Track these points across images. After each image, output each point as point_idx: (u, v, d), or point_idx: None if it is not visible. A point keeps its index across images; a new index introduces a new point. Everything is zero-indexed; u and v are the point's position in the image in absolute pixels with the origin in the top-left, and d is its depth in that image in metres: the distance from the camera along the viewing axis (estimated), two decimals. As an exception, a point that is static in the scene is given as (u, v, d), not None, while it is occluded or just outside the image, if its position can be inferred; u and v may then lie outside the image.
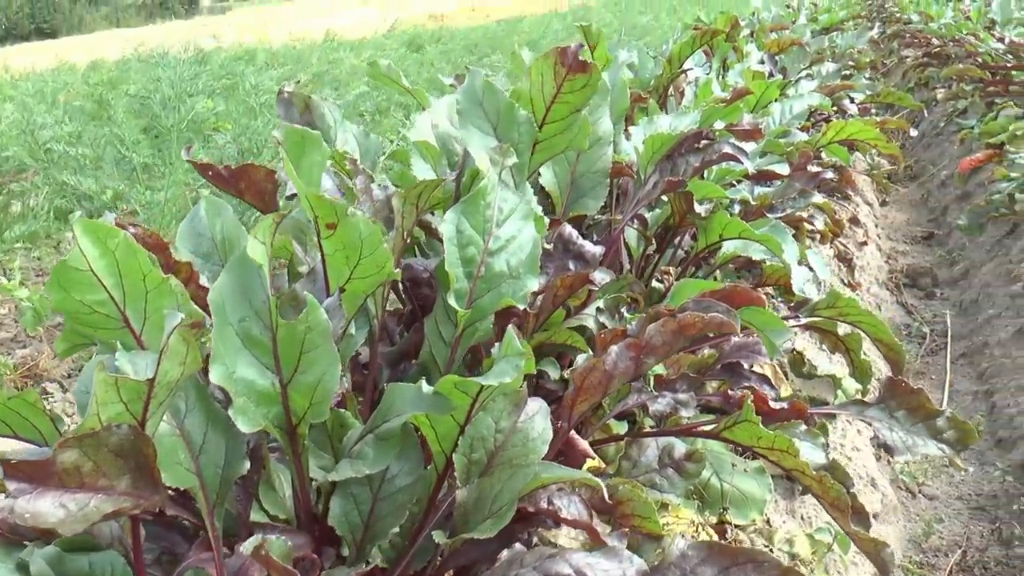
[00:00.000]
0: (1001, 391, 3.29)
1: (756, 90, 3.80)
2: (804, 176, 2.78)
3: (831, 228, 3.79)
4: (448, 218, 1.44)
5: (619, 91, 2.45)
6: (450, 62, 9.75)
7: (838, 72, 5.31)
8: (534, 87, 1.73)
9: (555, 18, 16.38)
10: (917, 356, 3.84)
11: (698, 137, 2.13)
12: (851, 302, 2.28)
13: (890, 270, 4.83)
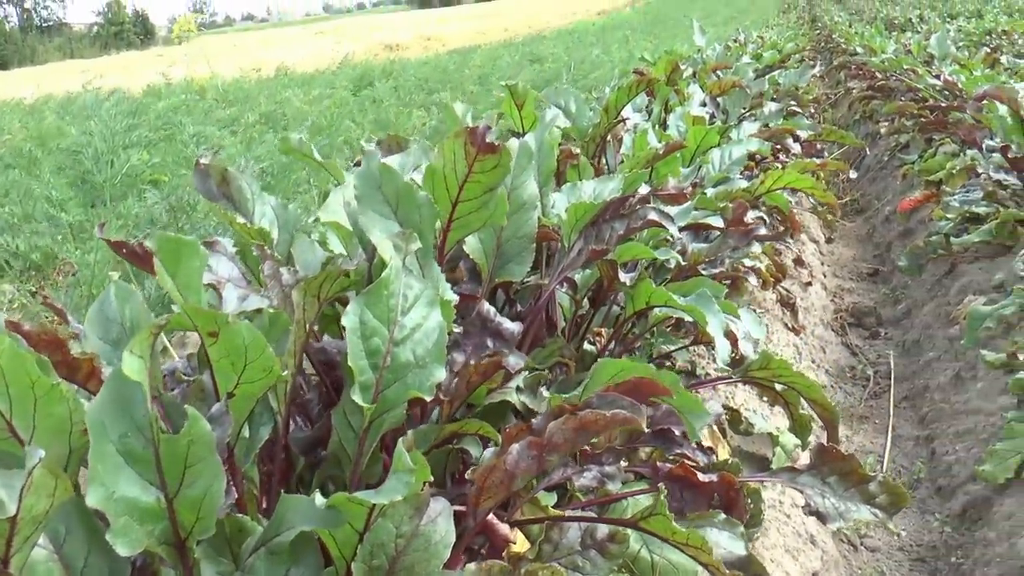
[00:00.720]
0: (940, 437, 3.30)
1: (696, 136, 3.82)
2: (738, 232, 2.77)
3: (773, 273, 3.80)
4: (350, 309, 1.40)
5: (546, 152, 2.42)
6: (399, 99, 9.74)
7: (780, 112, 5.35)
8: (447, 165, 1.70)
9: (507, 49, 16.46)
10: (861, 400, 3.85)
11: (623, 202, 2.10)
12: (783, 364, 2.27)
13: (836, 309, 4.86)
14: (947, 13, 23.00)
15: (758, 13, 32.66)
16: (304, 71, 17.31)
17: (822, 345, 4.18)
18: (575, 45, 18.25)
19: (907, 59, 8.80)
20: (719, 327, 1.95)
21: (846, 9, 32.60)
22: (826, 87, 13.98)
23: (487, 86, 10.64)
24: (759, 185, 3.47)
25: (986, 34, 14.79)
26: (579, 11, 55.48)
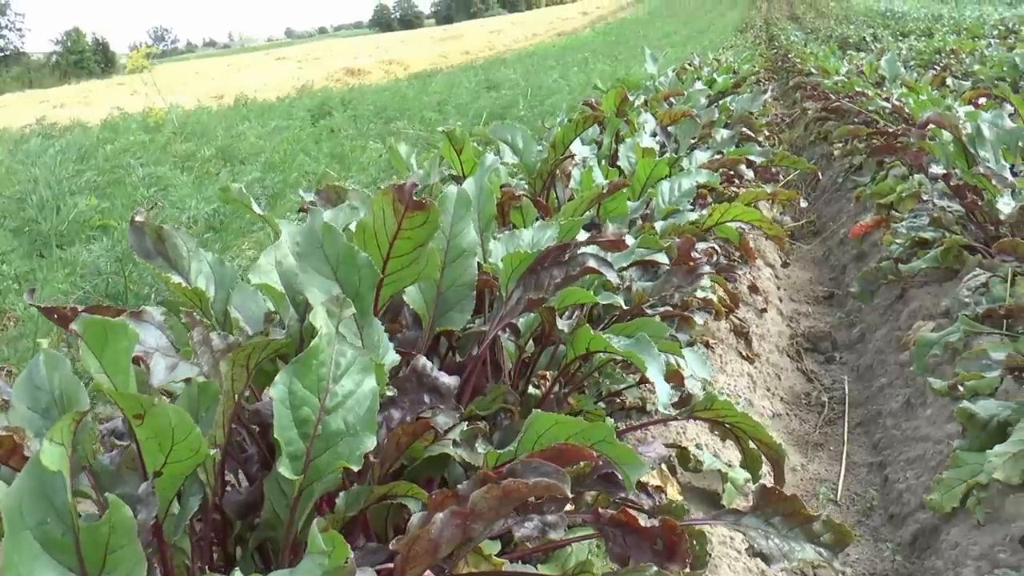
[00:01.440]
0: (892, 464, 3.33)
1: (645, 168, 3.86)
2: (682, 270, 2.79)
3: (726, 303, 3.83)
4: (279, 379, 1.39)
5: (486, 197, 2.43)
6: (357, 129, 9.73)
7: (733, 139, 5.42)
8: (377, 221, 1.70)
9: (466, 74, 16.52)
10: (816, 427, 3.87)
11: (561, 250, 2.12)
12: (726, 404, 2.29)
13: (792, 335, 4.90)
14: (899, 32, 23.41)
15: (716, 33, 33.09)
16: (265, 99, 17.26)
17: (777, 372, 4.20)
18: (534, 69, 18.37)
19: (858, 81, 8.94)
20: (658, 372, 1.96)
21: (802, 28, 33.13)
22: (783, 107, 14.18)
23: (444, 114, 10.68)
24: (707, 218, 3.51)
25: (936, 53, 15.08)
26: (540, 32, 55.96)
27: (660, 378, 1.96)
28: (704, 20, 45.13)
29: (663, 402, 1.95)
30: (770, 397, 3.91)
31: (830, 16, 35.60)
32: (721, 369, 3.67)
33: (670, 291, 2.73)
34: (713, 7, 59.43)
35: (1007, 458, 2.50)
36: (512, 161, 3.70)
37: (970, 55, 13.61)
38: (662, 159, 3.92)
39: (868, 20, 29.35)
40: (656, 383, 1.95)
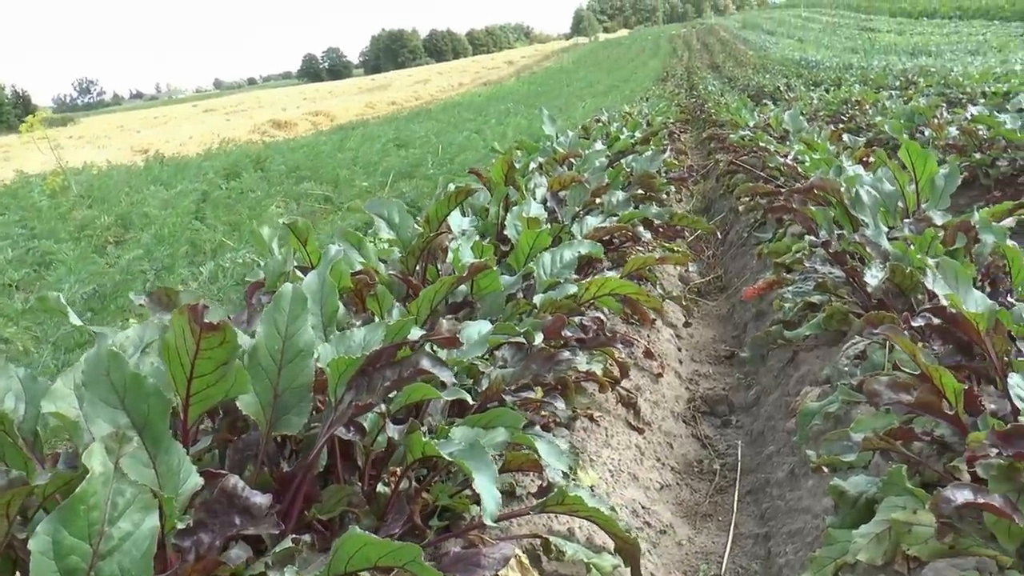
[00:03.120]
0: (776, 536, 3.30)
1: (527, 240, 3.82)
2: (541, 356, 2.73)
3: (610, 375, 3.79)
4: (41, 529, 1.29)
5: (328, 291, 2.36)
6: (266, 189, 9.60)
7: (627, 201, 5.44)
8: (178, 340, 1.62)
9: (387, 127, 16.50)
10: (707, 496, 3.84)
11: (394, 350, 2.05)
12: (577, 499, 2.23)
13: (690, 398, 4.87)
14: (812, 81, 24.07)
15: (638, 82, 33.70)
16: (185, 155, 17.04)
17: (669, 440, 4.17)
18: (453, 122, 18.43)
19: (762, 135, 9.11)
20: (489, 481, 1.89)
21: (721, 77, 33.92)
22: (699, 158, 14.42)
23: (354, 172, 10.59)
24: (584, 293, 3.47)
25: (843, 103, 15.52)
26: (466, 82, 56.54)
27: (488, 488, 1.90)
28: (627, 69, 45.98)
29: (490, 512, 1.87)
30: (660, 468, 3.86)
31: (748, 65, 36.53)
32: (606, 443, 3.62)
33: (529, 377, 2.67)
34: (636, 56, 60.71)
35: (871, 538, 2.47)
36: (388, 237, 3.63)
37: (873, 106, 14.01)
38: (544, 229, 3.90)
39: (784, 69, 30.14)
40: (483, 494, 1.88)
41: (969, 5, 54.95)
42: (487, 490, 1.89)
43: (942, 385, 2.31)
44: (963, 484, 2.06)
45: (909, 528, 2.45)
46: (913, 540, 2.41)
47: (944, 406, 2.33)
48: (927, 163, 4.20)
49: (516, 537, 2.57)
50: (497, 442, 2.32)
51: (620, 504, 3.23)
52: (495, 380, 2.68)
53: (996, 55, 24.42)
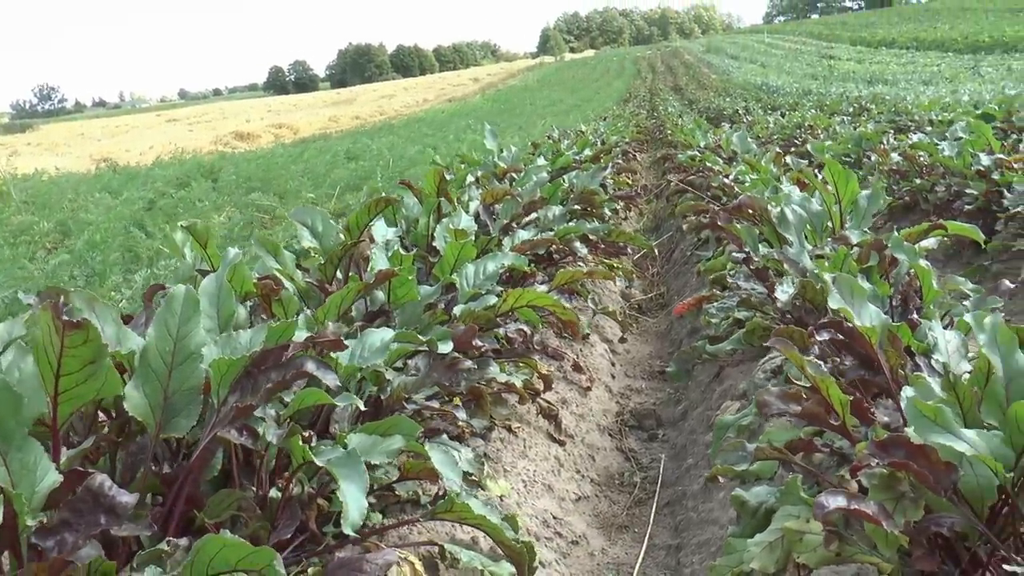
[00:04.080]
0: (686, 547, 3.33)
1: (452, 251, 3.84)
2: (442, 365, 2.74)
3: (531, 387, 3.81)
4: None
5: (225, 294, 2.36)
6: (213, 200, 9.55)
7: (564, 216, 5.48)
8: (44, 337, 1.61)
9: (346, 141, 16.51)
10: (625, 508, 3.86)
11: (279, 352, 2.05)
12: (465, 507, 2.24)
13: (619, 412, 4.91)
14: (770, 106, 24.40)
15: (600, 102, 33.96)
16: (139, 164, 16.88)
17: (592, 453, 4.19)
18: (412, 138, 18.46)
19: (709, 155, 9.22)
20: (354, 491, 1.90)
21: (683, 100, 34.30)
22: (654, 177, 14.54)
23: (301, 185, 10.58)
24: (501, 304, 3.49)
25: (796, 127, 15.76)
26: (431, 98, 56.65)
27: (355, 496, 1.90)
28: (591, 89, 46.34)
29: (352, 521, 1.87)
30: (579, 480, 3.88)
31: (710, 88, 36.98)
32: (523, 454, 3.63)
33: (430, 385, 2.67)
34: (600, 77, 61.24)
35: (764, 547, 2.50)
36: (311, 245, 3.63)
37: (824, 131, 14.24)
38: (469, 241, 3.91)
39: (745, 93, 30.54)
40: (348, 502, 1.88)
41: (926, 37, 56.10)
42: (353, 498, 1.89)
43: (829, 396, 2.35)
44: (838, 491, 2.09)
45: (801, 536, 2.48)
46: (803, 548, 2.45)
47: (832, 417, 2.37)
48: (849, 184, 4.28)
49: (414, 544, 2.57)
50: (391, 449, 2.32)
51: (531, 514, 3.25)
52: (396, 388, 2.68)
53: (947, 85, 24.92)
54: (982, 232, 8.00)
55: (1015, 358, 2.26)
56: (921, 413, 2.04)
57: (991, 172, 7.60)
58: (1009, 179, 7.19)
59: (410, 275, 3.33)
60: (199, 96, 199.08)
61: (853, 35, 72.20)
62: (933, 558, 2.20)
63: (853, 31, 76.23)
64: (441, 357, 2.86)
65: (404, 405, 2.69)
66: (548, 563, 3.03)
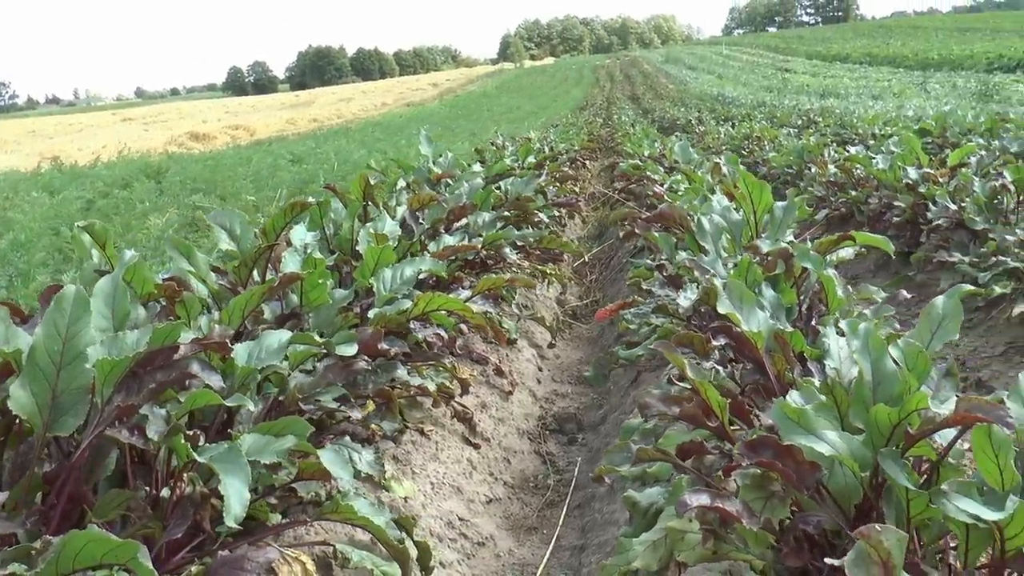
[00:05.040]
0: (589, 548, 3.40)
1: (372, 255, 3.88)
2: (337, 367, 2.79)
3: (445, 389, 3.86)
4: None
5: (120, 295, 2.38)
6: (154, 201, 9.50)
7: (493, 222, 5.54)
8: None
9: (300, 144, 16.47)
10: (536, 510, 3.92)
11: (167, 353, 2.08)
12: (349, 508, 2.29)
13: (541, 415, 4.97)
14: (723, 116, 24.70)
15: (557, 110, 34.15)
16: (87, 163, 16.68)
17: (508, 456, 4.25)
18: (365, 141, 18.46)
19: (650, 165, 9.35)
20: (236, 484, 1.94)
21: (639, 109, 34.60)
22: (603, 185, 14.68)
23: (243, 188, 10.56)
24: (413, 308, 3.54)
25: (745, 139, 16.01)
26: (389, 103, 56.50)
27: (237, 490, 1.94)
28: (548, 97, 46.58)
29: (234, 514, 1.91)
30: (492, 482, 3.94)
31: (667, 98, 37.33)
32: (435, 456, 3.68)
33: (324, 386, 2.72)
34: (559, 84, 61.57)
35: (648, 546, 2.58)
36: (228, 248, 3.66)
37: (771, 142, 14.48)
38: (388, 245, 3.96)
39: (700, 104, 30.86)
40: (229, 496, 1.92)
41: (879, 53, 57.16)
42: (234, 491, 1.94)
43: (708, 398, 2.44)
44: (703, 490, 2.17)
45: (683, 536, 2.57)
46: (684, 547, 2.53)
47: (711, 419, 2.45)
48: (763, 195, 4.39)
49: (308, 544, 2.61)
50: (282, 449, 2.36)
51: (435, 516, 3.30)
52: (292, 389, 2.72)
53: (895, 100, 25.42)
54: (910, 244, 8.25)
55: (884, 363, 2.36)
56: (786, 415, 2.12)
57: (918, 185, 7.81)
58: (933, 192, 7.39)
59: (321, 279, 3.38)
60: (156, 95, 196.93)
61: (809, 49, 73.32)
62: (802, 555, 2.29)
63: (809, 45, 77.42)
64: (343, 359, 2.90)
65: (300, 406, 2.73)
66: (449, 563, 3.09)
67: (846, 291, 4.03)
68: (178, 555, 2.37)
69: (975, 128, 12.04)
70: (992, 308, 6.16)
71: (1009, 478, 2.09)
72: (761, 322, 2.73)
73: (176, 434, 2.11)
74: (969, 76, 35.11)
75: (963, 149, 8.27)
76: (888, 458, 2.06)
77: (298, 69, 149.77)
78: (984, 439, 2.07)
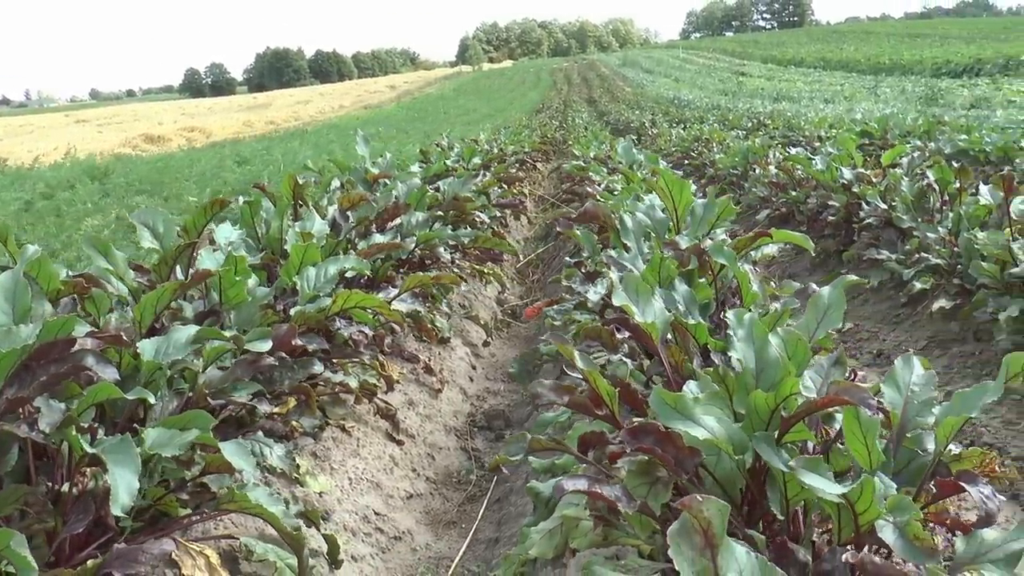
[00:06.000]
0: (503, 540, 3.47)
1: (297, 253, 3.92)
2: (245, 363, 2.83)
3: (368, 387, 3.91)
4: None
5: (21, 290, 2.41)
6: (97, 202, 9.44)
7: (426, 222, 5.60)
8: None
9: (246, 148, 16.44)
10: (457, 505, 3.98)
11: (65, 346, 2.12)
12: (244, 497, 2.34)
13: (471, 412, 5.04)
14: (677, 119, 24.94)
15: (513, 112, 34.26)
16: (29, 166, 16.47)
17: (433, 452, 4.30)
18: (318, 144, 18.43)
19: (593, 166, 9.46)
20: (124, 474, 1.98)
21: (596, 112, 34.81)
22: (553, 187, 14.81)
23: (187, 186, 10.53)
24: (332, 305, 3.59)
25: (695, 141, 16.22)
26: (347, 105, 56.30)
27: (125, 480, 1.98)
28: (505, 99, 46.68)
29: (121, 503, 1.95)
30: (413, 478, 3.99)
31: (623, 101, 37.58)
32: (355, 452, 3.73)
33: (232, 381, 2.76)
34: (516, 87, 61.71)
35: (544, 535, 2.65)
36: (151, 246, 3.68)
37: (719, 144, 14.69)
38: (313, 243, 4.00)
39: (656, 107, 31.10)
40: (117, 485, 1.96)
41: (832, 57, 58.03)
42: (123, 481, 1.97)
43: (597, 387, 2.51)
44: (579, 476, 2.25)
45: (577, 523, 2.64)
46: (579, 534, 2.61)
47: (601, 408, 2.53)
48: (683, 193, 4.48)
49: (214, 537, 2.65)
50: (185, 442, 2.39)
51: (351, 510, 3.35)
52: (200, 384, 2.76)
53: (845, 104, 25.85)
54: (844, 242, 8.42)
55: (767, 351, 2.45)
56: (664, 401, 2.19)
57: (852, 185, 8.00)
58: (865, 192, 7.57)
59: (240, 276, 3.41)
60: (111, 97, 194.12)
61: (765, 53, 74.24)
62: (687, 539, 2.37)
63: (765, 49, 78.37)
64: (252, 355, 2.94)
65: (210, 402, 2.77)
66: (361, 557, 3.14)
67: (761, 286, 4.15)
68: (84, 551, 2.40)
69: (914, 131, 12.32)
70: (917, 304, 6.35)
71: (876, 458, 2.19)
72: (657, 314, 2.81)
73: (68, 426, 2.14)
74: (918, 80, 35.81)
75: (895, 150, 8.47)
76: (762, 441, 2.14)
77: (256, 71, 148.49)
78: (853, 421, 2.17)
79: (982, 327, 5.39)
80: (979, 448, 2.46)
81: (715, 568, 1.41)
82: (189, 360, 2.85)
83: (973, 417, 2.20)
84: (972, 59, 39.98)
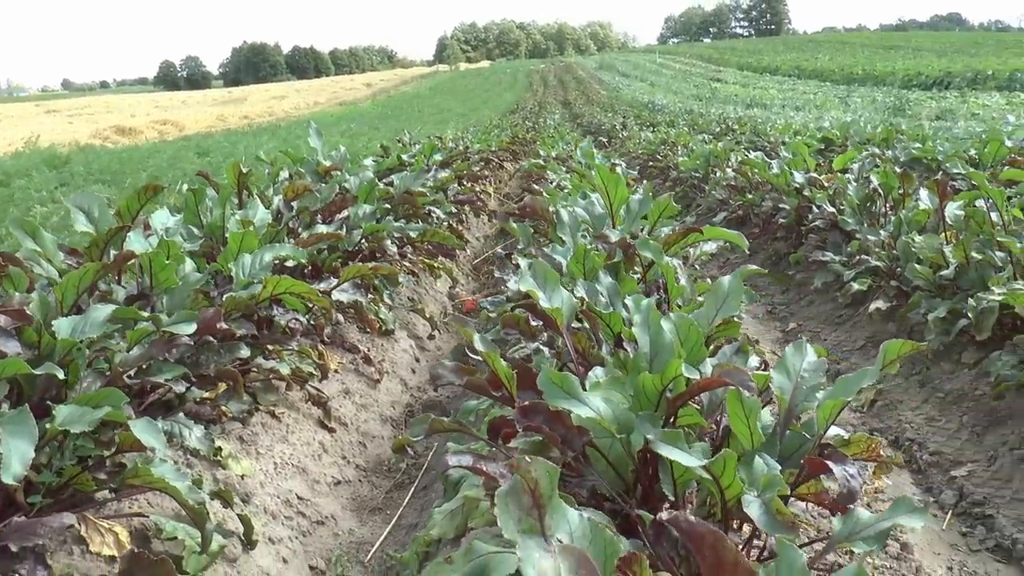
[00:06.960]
0: (423, 525, 3.52)
1: (235, 240, 3.97)
2: (160, 343, 2.89)
3: (300, 374, 3.96)
4: None
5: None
6: (50, 192, 9.42)
7: (373, 214, 5.66)
8: None
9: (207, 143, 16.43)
10: (385, 492, 4.03)
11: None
12: (147, 471, 2.39)
13: (410, 403, 5.09)
14: (649, 123, 25.08)
15: (487, 112, 34.34)
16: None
17: (365, 440, 4.36)
18: (288, 139, 18.42)
19: (552, 164, 9.57)
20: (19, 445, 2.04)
21: (570, 114, 34.95)
22: (519, 186, 14.90)
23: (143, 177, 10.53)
24: (262, 291, 3.64)
25: (661, 143, 16.37)
26: (322, 101, 56.17)
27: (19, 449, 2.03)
28: (481, 99, 46.77)
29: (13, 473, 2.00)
30: (343, 465, 4.04)
31: (598, 104, 37.74)
32: (284, 438, 3.78)
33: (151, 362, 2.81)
34: (492, 88, 61.81)
35: (446, 515, 2.72)
36: (85, 229, 3.71)
37: (684, 147, 14.83)
38: (251, 231, 4.05)
39: (630, 110, 31.23)
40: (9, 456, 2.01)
41: (807, 66, 58.55)
42: (16, 450, 2.03)
43: (496, 369, 2.58)
44: (465, 452, 2.32)
45: (477, 504, 2.72)
46: (478, 514, 2.68)
47: (500, 389, 2.60)
48: (618, 189, 4.57)
49: (127, 515, 2.69)
50: (94, 419, 2.44)
51: (273, 494, 3.39)
52: (116, 363, 2.81)
53: (815, 111, 26.10)
54: (795, 244, 8.56)
55: (661, 336, 2.53)
56: (551, 380, 2.26)
57: (803, 189, 8.14)
58: (815, 196, 7.71)
59: (171, 260, 3.46)
60: (84, 87, 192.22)
61: (741, 60, 74.75)
62: (581, 518, 2.45)
63: (741, 56, 78.94)
64: (172, 335, 2.99)
65: (125, 380, 2.82)
66: (280, 540, 3.18)
67: (690, 281, 4.25)
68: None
69: (873, 138, 12.49)
70: (859, 305, 6.48)
71: (757, 439, 2.28)
72: (564, 300, 2.88)
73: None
74: (888, 92, 36.20)
75: (846, 155, 8.62)
76: (646, 420, 2.22)
77: (232, 65, 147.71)
78: (736, 403, 2.26)
79: (916, 327, 5.53)
80: (864, 434, 2.54)
81: (542, 527, 1.48)
82: (113, 343, 2.90)
83: (849, 400, 2.30)
84: (942, 72, 40.52)
